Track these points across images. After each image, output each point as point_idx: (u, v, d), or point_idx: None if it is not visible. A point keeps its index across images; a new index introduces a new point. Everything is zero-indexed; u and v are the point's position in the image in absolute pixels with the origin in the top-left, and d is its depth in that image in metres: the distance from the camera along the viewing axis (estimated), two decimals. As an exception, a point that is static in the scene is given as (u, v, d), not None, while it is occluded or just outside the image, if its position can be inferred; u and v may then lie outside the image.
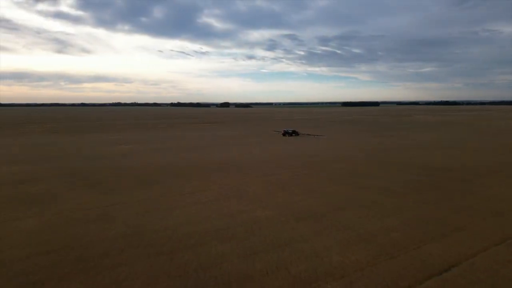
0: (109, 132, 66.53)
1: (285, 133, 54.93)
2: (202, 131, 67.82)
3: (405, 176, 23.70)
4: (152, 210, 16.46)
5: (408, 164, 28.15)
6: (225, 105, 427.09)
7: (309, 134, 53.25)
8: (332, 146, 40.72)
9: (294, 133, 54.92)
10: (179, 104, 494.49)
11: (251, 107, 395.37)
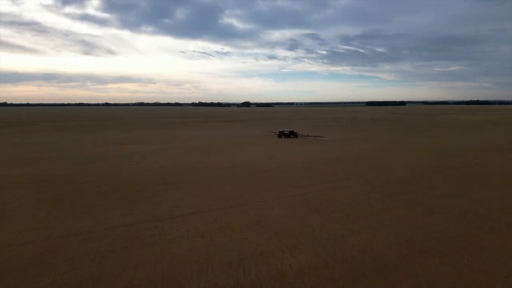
0: (120, 131, 62.22)
1: (281, 134, 45.85)
2: (217, 130, 62.30)
3: (498, 193, 16.80)
4: (121, 247, 10.67)
5: (490, 173, 21.24)
6: (246, 104, 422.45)
7: (309, 136, 45.05)
8: (360, 148, 33.98)
9: (292, 134, 46.15)
10: (200, 104, 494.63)
11: (273, 106, 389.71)
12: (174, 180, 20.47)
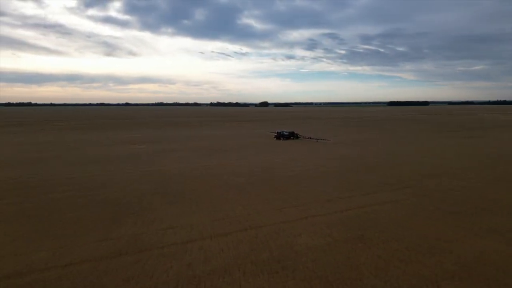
0: (133, 130, 59.51)
1: (280, 136, 40.38)
2: (231, 130, 58.67)
3: None
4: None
5: None
6: (264, 104, 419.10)
7: (311, 138, 39.88)
8: (391, 150, 29.49)
9: (293, 135, 40.81)
10: (218, 104, 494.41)
11: (291, 106, 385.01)
12: (177, 189, 16.85)
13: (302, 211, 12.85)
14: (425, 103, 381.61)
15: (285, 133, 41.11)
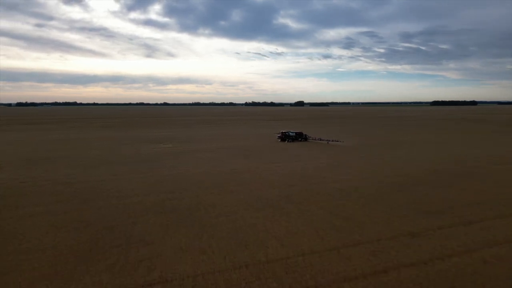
0: (163, 128, 56.90)
1: (285, 138, 34.89)
2: (261, 128, 54.10)
3: None
4: None
5: None
6: (299, 104, 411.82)
7: (321, 139, 34.20)
8: (467, 155, 23.39)
9: (301, 137, 35.26)
10: (253, 104, 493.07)
11: (328, 106, 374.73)
12: (190, 204, 12.58)
13: (374, 255, 8.00)
14: (473, 102, 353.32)
15: (291, 133, 35.59)
